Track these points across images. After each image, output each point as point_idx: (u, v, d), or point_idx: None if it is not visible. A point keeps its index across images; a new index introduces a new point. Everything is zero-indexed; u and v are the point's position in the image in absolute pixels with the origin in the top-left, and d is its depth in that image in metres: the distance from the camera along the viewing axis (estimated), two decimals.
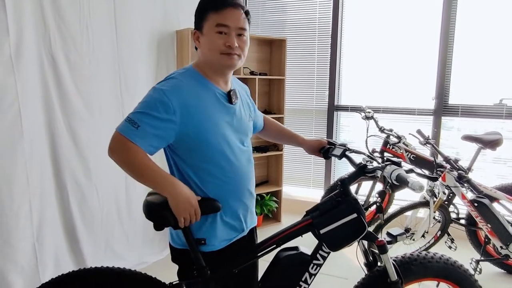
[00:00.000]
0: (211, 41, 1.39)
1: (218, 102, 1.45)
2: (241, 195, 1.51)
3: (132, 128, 1.31)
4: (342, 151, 1.65)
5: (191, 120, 1.36)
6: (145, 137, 1.32)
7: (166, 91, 1.35)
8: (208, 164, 1.42)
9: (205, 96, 1.42)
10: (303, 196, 4.42)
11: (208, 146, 1.40)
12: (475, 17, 3.63)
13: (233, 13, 1.39)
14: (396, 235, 1.57)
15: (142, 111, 1.34)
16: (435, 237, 3.08)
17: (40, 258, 2.53)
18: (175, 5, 3.39)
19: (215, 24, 1.38)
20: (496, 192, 2.79)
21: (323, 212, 1.49)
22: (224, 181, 1.45)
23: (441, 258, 1.68)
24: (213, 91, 1.45)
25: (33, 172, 2.47)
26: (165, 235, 3.43)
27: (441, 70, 3.75)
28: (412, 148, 3.20)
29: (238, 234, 1.53)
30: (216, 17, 1.38)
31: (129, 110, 3.14)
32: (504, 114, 3.55)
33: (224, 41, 1.39)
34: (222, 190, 1.45)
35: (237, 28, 1.40)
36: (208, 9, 1.39)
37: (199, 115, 1.38)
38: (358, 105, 4.04)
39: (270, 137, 1.92)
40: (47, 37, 2.50)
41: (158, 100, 1.34)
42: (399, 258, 1.66)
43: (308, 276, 1.52)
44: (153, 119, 1.32)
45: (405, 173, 1.36)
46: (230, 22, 1.38)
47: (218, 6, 1.38)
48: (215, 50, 1.40)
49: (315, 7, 4.23)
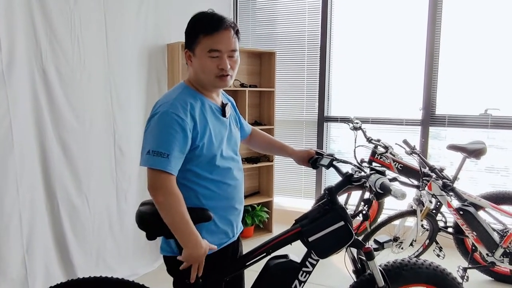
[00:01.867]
0: (205, 65, 1.44)
1: (214, 116, 1.52)
2: (234, 203, 1.58)
3: (163, 159, 1.35)
4: (330, 161, 1.70)
5: (197, 133, 1.43)
6: (175, 162, 1.38)
7: (173, 112, 1.39)
8: (206, 172, 1.48)
9: (204, 111, 1.49)
10: (294, 206, 4.44)
11: (208, 156, 1.47)
12: (460, 29, 3.74)
13: (224, 36, 1.43)
14: (383, 242, 1.61)
15: (162, 139, 1.37)
16: (424, 246, 3.13)
17: (29, 270, 2.52)
18: (166, 19, 3.44)
19: (208, 49, 1.42)
20: (481, 200, 2.85)
21: (311, 220, 1.53)
22: (220, 188, 1.52)
23: (431, 265, 1.72)
24: (209, 105, 1.52)
25: (23, 184, 2.47)
26: (156, 247, 3.42)
27: (427, 81, 3.84)
28: (399, 158, 3.26)
29: (229, 239, 1.59)
30: (208, 41, 1.42)
31: (120, 122, 3.18)
32: (489, 123, 3.64)
33: (217, 64, 1.44)
34: (216, 198, 1.51)
35: (228, 51, 1.45)
36: (199, 32, 1.43)
37: (204, 128, 1.45)
38: (348, 116, 4.11)
39: (260, 148, 1.97)
40: (38, 51, 2.53)
41: (171, 123, 1.38)
42: (390, 263, 1.70)
43: (298, 283, 1.55)
44: (174, 141, 1.37)
45: (388, 182, 1.41)
46: (222, 47, 1.43)
47: (209, 30, 1.42)
48: (209, 73, 1.46)
49: (304, 20, 4.32)
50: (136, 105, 3.19)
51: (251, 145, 1.94)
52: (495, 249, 2.72)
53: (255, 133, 1.92)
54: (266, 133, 1.98)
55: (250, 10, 4.54)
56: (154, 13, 3.32)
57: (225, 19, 1.45)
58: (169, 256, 1.54)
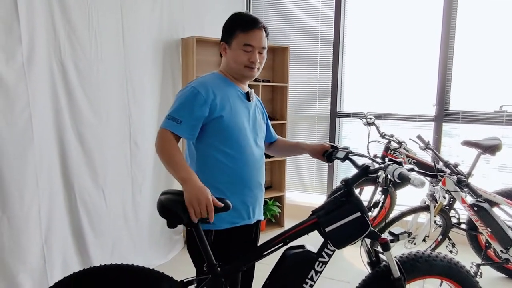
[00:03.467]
0: (238, 56, 1.68)
1: (238, 98, 1.73)
2: (251, 184, 1.70)
3: (176, 124, 1.56)
4: (345, 154, 1.71)
5: (216, 107, 1.62)
6: (186, 128, 1.57)
7: (195, 86, 1.63)
8: (225, 146, 1.64)
9: (228, 91, 1.70)
10: (305, 201, 4.46)
11: (227, 130, 1.64)
12: (475, 25, 3.71)
13: (258, 35, 1.68)
14: (398, 234, 1.62)
15: (180, 108, 1.59)
16: (436, 242, 3.13)
17: (48, 260, 2.57)
18: (181, 14, 3.48)
19: (243, 43, 1.67)
20: (496, 197, 2.84)
21: (328, 211, 1.55)
22: (236, 165, 1.66)
23: (445, 257, 1.75)
24: (235, 89, 1.74)
25: (42, 176, 2.53)
26: (170, 239, 3.48)
27: (441, 77, 3.82)
28: (413, 154, 3.25)
29: (243, 221, 1.70)
30: (244, 37, 1.66)
31: (136, 115, 3.22)
32: (504, 120, 3.61)
33: (248, 57, 1.68)
34: (232, 174, 1.66)
35: (260, 47, 1.70)
36: (237, 29, 1.67)
37: (223, 103, 1.64)
38: (360, 111, 4.11)
39: (280, 154, 2.10)
40: (57, 46, 2.57)
41: (190, 95, 1.60)
42: (405, 255, 1.72)
43: (314, 273, 1.57)
44: (190, 112, 1.58)
45: (406, 171, 1.42)
46: (255, 43, 1.67)
47: (246, 28, 1.67)
48: (240, 63, 1.69)
49: (317, 15, 4.32)
50: (151, 99, 3.23)
51: (272, 152, 2.06)
52: (509, 245, 2.70)
53: (279, 142, 2.03)
54: (279, 128, 2.05)
55: (264, 5, 4.55)
56: (169, 8, 3.36)
57: (259, 21, 1.70)
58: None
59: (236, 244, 1.71)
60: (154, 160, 3.25)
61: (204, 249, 1.47)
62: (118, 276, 1.52)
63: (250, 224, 1.74)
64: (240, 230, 1.71)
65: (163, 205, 1.44)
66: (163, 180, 3.36)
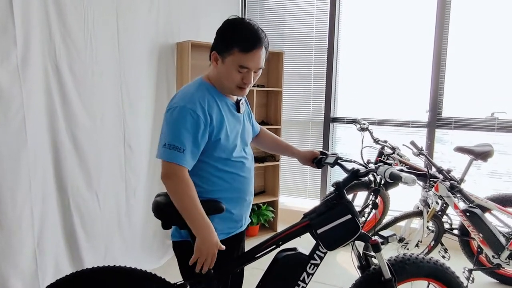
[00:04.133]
0: (230, 74, 1.49)
1: (230, 113, 1.59)
2: (245, 194, 1.66)
3: (178, 153, 1.41)
4: (335, 159, 1.74)
5: (214, 130, 1.49)
6: (191, 156, 1.45)
7: (188, 107, 1.45)
8: (220, 164, 1.55)
9: (220, 106, 1.55)
10: (299, 206, 4.46)
11: (224, 151, 1.54)
12: (467, 33, 3.76)
13: (257, 55, 1.48)
14: (387, 237, 1.64)
15: (179, 134, 1.43)
16: (429, 247, 3.14)
17: (40, 263, 2.56)
18: (176, 18, 3.49)
19: (239, 64, 1.47)
20: (487, 202, 2.86)
21: (319, 213, 1.57)
22: (234, 180, 1.59)
23: (431, 259, 1.79)
24: (225, 101, 1.59)
25: (35, 178, 2.52)
26: (163, 243, 3.46)
27: (434, 83, 3.86)
28: (406, 159, 3.27)
29: (238, 229, 1.66)
30: (241, 58, 1.46)
31: (130, 119, 3.22)
32: (495, 127, 3.65)
33: (241, 77, 1.50)
34: (230, 190, 1.59)
35: (256, 68, 1.52)
36: (235, 46, 1.45)
37: (220, 125, 1.51)
38: (354, 117, 4.13)
39: (266, 147, 2.02)
40: (52, 47, 2.58)
41: (187, 118, 1.43)
42: (393, 257, 1.75)
43: (306, 275, 1.58)
44: (190, 137, 1.43)
45: (397, 171, 1.45)
46: (252, 65, 1.48)
47: (246, 48, 1.45)
48: (232, 82, 1.51)
49: (312, 21, 4.36)
50: (145, 102, 3.24)
51: (258, 144, 1.99)
52: (501, 251, 2.73)
53: (263, 133, 1.98)
54: (273, 133, 2.04)
55: (259, 10, 4.59)
56: (165, 12, 3.37)
57: (261, 38, 1.48)
58: (179, 242, 1.61)
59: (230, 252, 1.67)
60: (148, 164, 3.25)
61: None
62: (110, 278, 1.51)
63: (242, 230, 1.74)
64: (235, 238, 1.69)
65: (158, 206, 1.44)
66: (157, 184, 3.36)
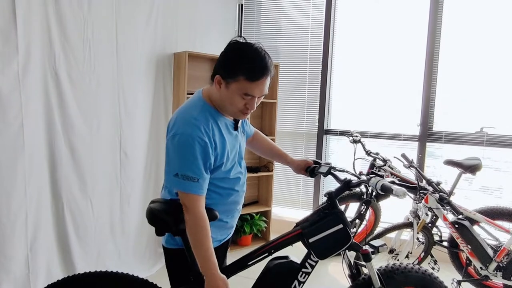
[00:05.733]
0: (234, 100, 1.48)
1: (229, 132, 1.60)
2: (237, 205, 1.71)
3: (193, 183, 1.43)
4: (328, 169, 1.78)
5: (218, 156, 1.51)
6: (204, 183, 1.46)
7: (195, 135, 1.44)
8: (219, 182, 1.57)
9: (220, 129, 1.55)
10: (291, 216, 4.49)
11: (224, 172, 1.57)
12: (458, 48, 3.86)
13: (263, 84, 1.47)
14: (378, 246, 1.68)
15: (191, 163, 1.43)
16: (419, 258, 3.18)
17: (32, 269, 2.56)
18: (174, 29, 3.55)
19: (244, 92, 1.46)
20: (476, 215, 2.91)
21: (311, 223, 1.61)
22: (229, 195, 1.63)
23: (419, 269, 1.83)
24: (224, 122, 1.59)
25: (31, 184, 2.53)
26: (156, 252, 3.47)
27: (425, 98, 3.94)
28: (397, 171, 3.33)
29: (228, 236, 1.74)
30: (247, 86, 1.45)
31: (127, 126, 3.25)
32: (484, 141, 3.73)
33: (245, 103, 1.49)
34: (225, 204, 1.63)
35: (261, 95, 1.51)
36: (242, 74, 1.44)
37: (223, 151, 1.53)
38: (347, 129, 4.20)
39: (261, 152, 2.05)
40: (52, 56, 2.62)
41: (197, 147, 1.43)
42: (383, 267, 1.78)
43: (297, 283, 1.61)
44: (202, 165, 1.44)
45: (388, 183, 1.49)
46: (257, 93, 1.48)
47: (253, 78, 1.44)
48: (235, 107, 1.51)
49: (307, 34, 4.44)
50: (142, 111, 3.28)
51: (253, 147, 2.01)
52: (489, 262, 2.77)
53: (257, 136, 2.00)
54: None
55: (255, 23, 4.66)
56: (163, 22, 3.43)
57: (268, 66, 1.48)
58: (171, 249, 1.62)
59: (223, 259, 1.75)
60: (143, 172, 3.28)
61: (191, 258, 1.49)
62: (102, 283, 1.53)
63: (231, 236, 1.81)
64: (225, 244, 1.75)
65: (152, 213, 1.47)
66: (152, 192, 3.38)
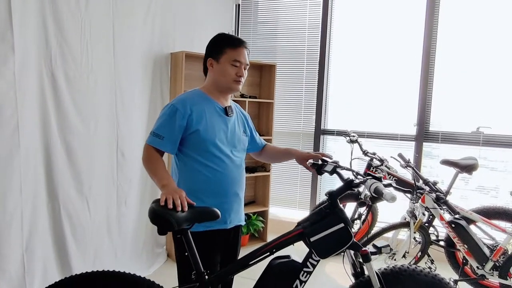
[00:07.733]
0: (226, 70, 1.83)
1: (216, 113, 1.85)
2: (227, 193, 1.83)
3: (159, 140, 1.74)
4: (333, 168, 1.78)
5: (193, 121, 1.76)
6: (168, 144, 1.75)
7: (174, 104, 1.79)
8: (202, 158, 1.78)
9: (205, 106, 1.83)
10: (289, 217, 4.50)
11: (204, 143, 1.77)
12: (454, 49, 3.88)
13: (243, 52, 1.85)
14: (380, 247, 1.68)
15: (162, 125, 1.76)
16: (416, 258, 3.19)
17: (28, 268, 2.54)
18: (171, 29, 3.55)
19: (232, 59, 1.82)
20: (472, 214, 2.93)
21: (313, 222, 1.61)
22: (212, 174, 1.79)
23: (429, 273, 1.70)
24: (213, 104, 1.86)
25: (27, 183, 2.51)
26: (153, 252, 3.46)
27: (422, 98, 3.96)
28: (394, 171, 3.34)
29: (219, 225, 1.81)
30: (233, 53, 1.82)
31: (124, 126, 3.25)
32: (480, 141, 3.75)
33: (236, 71, 1.83)
34: (208, 182, 1.79)
35: (245, 64, 1.86)
36: (226, 46, 1.83)
37: (199, 118, 1.77)
38: (344, 129, 4.21)
39: (270, 160, 2.23)
40: (48, 55, 2.60)
41: (171, 112, 1.76)
42: (389, 267, 1.72)
43: (299, 283, 1.61)
44: (171, 129, 1.75)
45: (382, 186, 1.50)
46: (242, 59, 1.84)
47: (235, 45, 1.83)
48: (228, 77, 1.83)
49: (304, 34, 4.45)
50: (139, 111, 3.26)
51: (263, 158, 2.18)
52: (485, 262, 2.79)
53: (267, 147, 2.15)
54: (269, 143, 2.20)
55: (252, 24, 4.67)
56: (160, 23, 3.42)
57: (243, 40, 1.87)
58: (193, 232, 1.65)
59: (213, 248, 1.81)
60: (140, 172, 3.26)
61: (193, 256, 1.50)
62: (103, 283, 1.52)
63: (227, 228, 1.86)
64: (216, 234, 1.81)
65: (155, 212, 1.46)
66: (149, 192, 3.37)
